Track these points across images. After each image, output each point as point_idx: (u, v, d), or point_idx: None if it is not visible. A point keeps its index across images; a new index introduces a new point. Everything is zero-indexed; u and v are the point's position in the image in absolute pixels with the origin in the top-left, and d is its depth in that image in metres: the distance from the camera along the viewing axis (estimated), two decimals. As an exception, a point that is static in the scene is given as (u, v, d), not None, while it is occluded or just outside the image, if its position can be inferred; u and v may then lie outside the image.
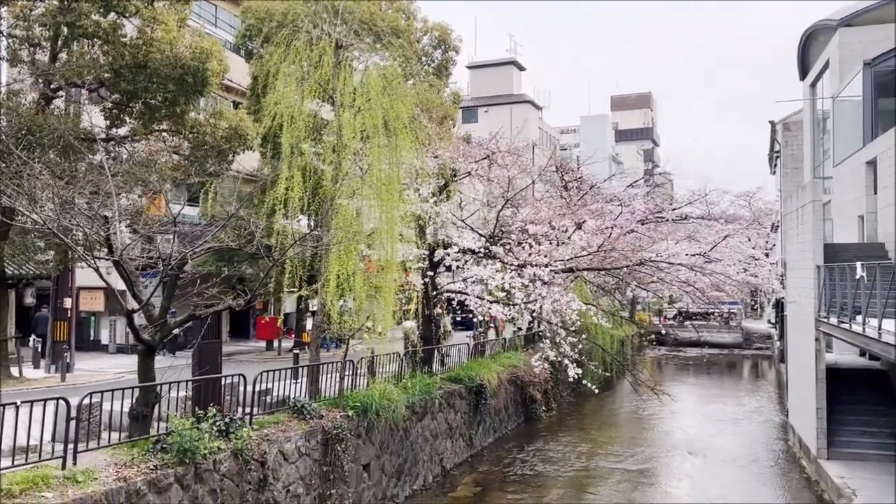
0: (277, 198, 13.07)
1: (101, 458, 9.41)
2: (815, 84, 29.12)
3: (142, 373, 10.26)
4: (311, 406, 13.03)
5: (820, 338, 16.71)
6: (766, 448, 20.53)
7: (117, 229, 9.73)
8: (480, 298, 17.96)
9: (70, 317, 21.47)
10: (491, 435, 20.75)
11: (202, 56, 17.18)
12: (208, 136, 18.72)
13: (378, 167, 13.58)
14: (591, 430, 22.90)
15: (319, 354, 14.70)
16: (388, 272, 13.34)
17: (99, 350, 27.08)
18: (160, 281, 9.83)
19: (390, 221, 13.14)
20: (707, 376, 37.91)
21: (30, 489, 8.06)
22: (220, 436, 10.57)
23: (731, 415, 25.47)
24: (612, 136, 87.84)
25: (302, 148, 14.03)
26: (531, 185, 19.39)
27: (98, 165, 15.42)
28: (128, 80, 16.96)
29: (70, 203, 9.42)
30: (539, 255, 16.89)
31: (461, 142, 18.92)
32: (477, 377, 19.58)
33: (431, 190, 17.95)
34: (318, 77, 14.47)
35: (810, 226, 17.30)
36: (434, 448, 17.21)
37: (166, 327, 10.15)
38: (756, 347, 46.90)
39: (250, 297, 11.05)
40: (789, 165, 34.92)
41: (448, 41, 28.29)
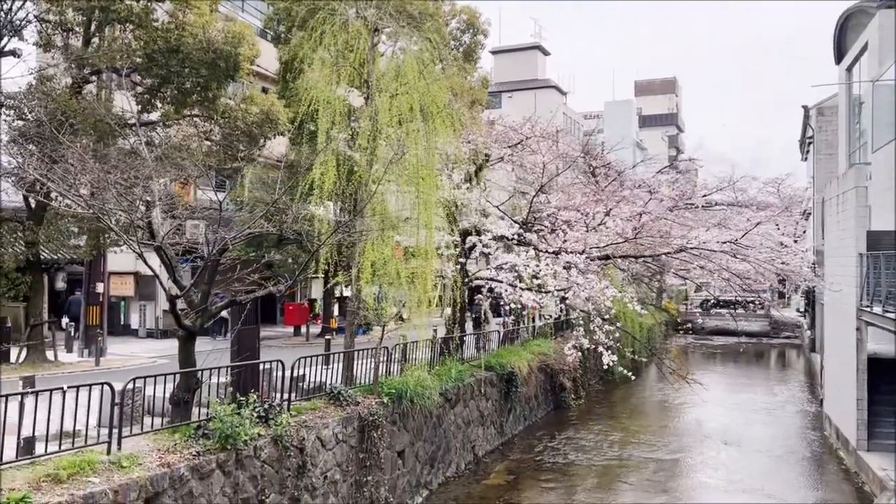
0: (314, 183, 12.96)
1: (143, 444, 9.40)
2: (852, 68, 28.46)
3: (182, 358, 10.23)
4: (348, 392, 12.97)
5: (862, 327, 16.35)
6: (801, 438, 20.24)
7: (158, 214, 9.66)
8: (512, 286, 17.76)
9: (102, 301, 21.61)
10: (521, 423, 20.64)
11: (234, 40, 17.07)
12: (240, 122, 18.64)
13: (415, 152, 13.42)
14: (621, 419, 22.71)
15: (354, 340, 14.61)
16: (427, 259, 13.20)
17: (129, 334, 27.30)
18: (204, 266, 9.75)
19: (428, 207, 12.98)
20: (735, 365, 37.53)
21: (77, 474, 8.05)
22: (259, 422, 10.53)
23: (763, 404, 25.14)
24: (637, 122, 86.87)
25: (336, 133, 13.89)
26: (566, 170, 19.09)
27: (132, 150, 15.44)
28: (160, 65, 16.90)
29: (117, 187, 9.34)
30: (574, 241, 16.66)
31: (494, 126, 18.64)
32: (508, 365, 19.44)
33: (463, 176, 17.76)
34: (352, 61, 14.31)
35: (853, 213, 16.91)
36: (466, 435, 17.13)
37: (207, 313, 10.08)
38: (784, 336, 46.31)
39: (291, 282, 10.96)
40: (823, 151, 34.29)
41: (476, 25, 28.02)
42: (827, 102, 34.70)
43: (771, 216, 33.77)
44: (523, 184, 19.77)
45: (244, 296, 10.19)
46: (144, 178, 9.86)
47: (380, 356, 14.02)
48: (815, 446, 19.23)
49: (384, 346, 14.37)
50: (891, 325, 13.86)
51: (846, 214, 17.55)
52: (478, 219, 17.73)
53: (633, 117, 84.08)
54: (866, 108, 25.41)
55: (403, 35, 14.02)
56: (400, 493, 13.93)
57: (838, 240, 18.56)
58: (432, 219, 13.21)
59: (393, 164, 13.21)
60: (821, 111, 34.84)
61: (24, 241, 18.14)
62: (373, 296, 13.09)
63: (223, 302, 10.64)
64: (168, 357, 21.32)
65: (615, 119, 78.50)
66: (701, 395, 23.86)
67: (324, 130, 13.37)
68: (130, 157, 12.62)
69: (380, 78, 13.63)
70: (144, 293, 27.46)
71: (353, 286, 14.07)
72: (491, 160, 18.31)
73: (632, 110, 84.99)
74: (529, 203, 17.92)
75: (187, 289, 9.46)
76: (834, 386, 19.60)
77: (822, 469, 17.40)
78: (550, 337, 24.48)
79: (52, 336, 19.40)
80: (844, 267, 17.68)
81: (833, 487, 15.87)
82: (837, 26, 29.51)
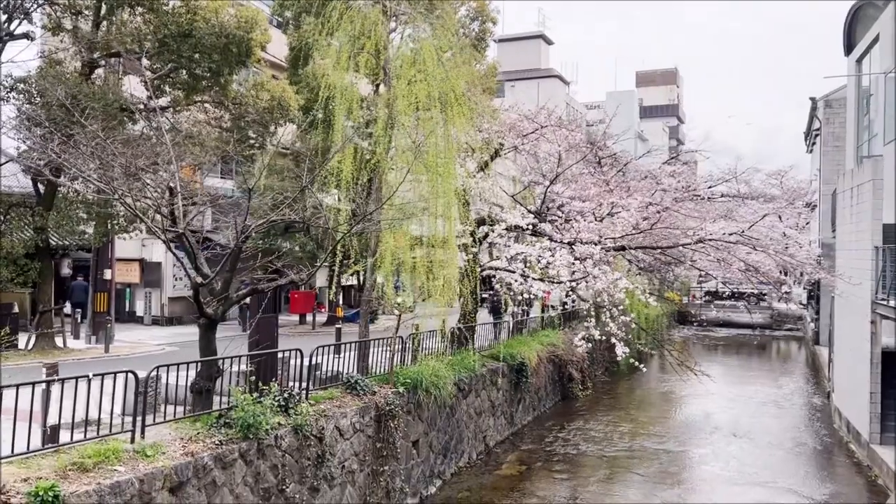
0: (331, 171, 12.83)
1: (165, 432, 9.31)
2: (862, 60, 28.30)
3: (203, 346, 10.12)
4: (364, 382, 12.90)
5: (877, 321, 16.29)
6: (810, 431, 20.23)
7: (179, 201, 9.53)
8: (524, 276, 17.66)
9: (110, 288, 21.48)
10: (530, 413, 20.61)
11: (247, 25, 16.88)
12: (250, 108, 18.47)
13: (434, 140, 13.27)
14: (629, 410, 22.69)
15: (368, 329, 14.51)
16: (447, 248, 13.09)
17: (134, 322, 27.19)
18: (230, 254, 9.61)
19: (448, 196, 12.85)
20: (739, 357, 37.56)
21: (102, 463, 7.97)
22: (280, 411, 10.45)
23: (770, 396, 25.13)
24: (638, 113, 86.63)
25: (353, 121, 13.75)
26: (581, 160, 18.95)
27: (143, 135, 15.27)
28: (172, 50, 16.72)
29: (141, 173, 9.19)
30: (589, 232, 16.56)
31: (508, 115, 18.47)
32: (518, 355, 19.38)
33: (477, 164, 17.62)
34: (368, 47, 14.14)
35: (868, 206, 16.81)
36: (478, 425, 17.08)
37: (229, 301, 9.97)
38: (787, 329, 46.33)
39: (314, 270, 10.85)
40: (830, 143, 34.16)
41: (485, 12, 27.82)
42: (834, 94, 34.55)
43: (778, 208, 33.73)
44: (534, 173, 19.62)
45: (266, 284, 10.06)
46: (166, 164, 9.70)
47: (396, 346, 13.94)
48: (825, 439, 19.22)
49: (399, 335, 14.30)
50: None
51: (861, 207, 17.45)
52: (490, 208, 17.60)
53: (635, 108, 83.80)
54: (878, 99, 25.30)
55: (422, 21, 13.81)
56: (414, 482, 13.88)
57: (852, 232, 18.48)
58: (453, 208, 13.05)
59: (412, 152, 13.07)
60: (828, 103, 34.69)
61: (34, 226, 17.99)
62: (392, 284, 12.95)
63: (244, 290, 10.51)
64: (176, 344, 21.27)
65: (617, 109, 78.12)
66: (707, 387, 23.84)
67: (340, 118, 13.20)
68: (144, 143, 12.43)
69: (398, 65, 13.45)
70: (150, 280, 27.32)
71: (368, 275, 13.96)
72: (505, 149, 18.16)
73: (634, 101, 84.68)
74: (544, 193, 17.79)
75: (213, 276, 9.33)
76: (844, 379, 19.57)
77: (834, 462, 17.39)
78: (559, 327, 24.41)
79: (62, 323, 19.28)
80: (859, 260, 17.59)
81: (846, 481, 15.85)
82: (848, 17, 29.32)
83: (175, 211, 9.28)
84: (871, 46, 26.90)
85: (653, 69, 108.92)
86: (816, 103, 35.99)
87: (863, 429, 16.82)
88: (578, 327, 25.30)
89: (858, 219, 17.91)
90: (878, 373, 16.21)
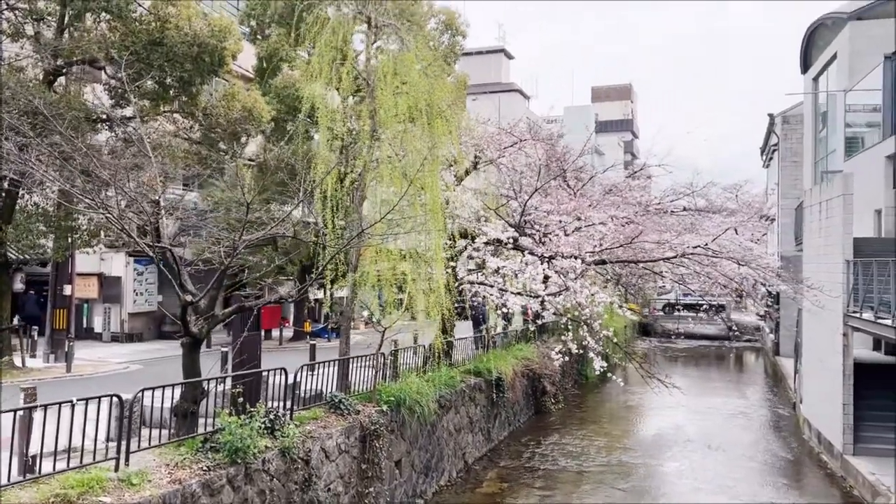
0: (314, 185, 12.49)
1: (149, 458, 8.85)
2: (818, 78, 29.10)
3: (187, 366, 9.67)
4: (348, 401, 12.54)
5: (849, 333, 16.57)
6: (780, 442, 20.46)
7: (163, 216, 9.11)
8: (502, 290, 17.53)
9: (70, 304, 20.63)
10: (506, 428, 20.42)
11: (220, 34, 16.44)
12: (221, 118, 17.98)
13: (416, 151, 13.05)
14: (602, 423, 22.68)
15: (349, 346, 14.14)
16: (431, 262, 12.86)
17: (92, 338, 26.17)
18: (219, 272, 9.20)
19: (433, 209, 12.62)
20: (703, 368, 38.05)
21: (86, 493, 7.50)
22: (266, 433, 10.05)
23: (738, 408, 25.43)
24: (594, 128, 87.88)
25: (336, 133, 13.44)
26: (560, 174, 18.96)
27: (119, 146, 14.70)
28: (141, 58, 16.17)
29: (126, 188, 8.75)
30: (569, 246, 16.52)
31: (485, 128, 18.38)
32: (495, 370, 19.20)
33: (455, 177, 17.46)
34: (350, 57, 13.88)
35: (839, 220, 17.13)
36: (457, 442, 16.82)
37: (214, 319, 9.56)
38: (745, 340, 47.18)
39: (303, 287, 10.49)
40: (788, 159, 35.00)
41: (455, 25, 27.78)
42: (791, 111, 35.43)
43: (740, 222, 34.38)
44: (511, 186, 19.53)
45: (253, 301, 9.67)
46: (150, 178, 9.28)
47: (378, 363, 13.62)
48: (797, 450, 19.46)
49: (381, 352, 13.99)
50: (887, 331, 14.03)
51: (832, 221, 17.78)
52: (469, 222, 17.44)
53: (592, 123, 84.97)
54: (838, 116, 25.99)
55: (405, 32, 13.61)
56: (397, 503, 13.54)
57: (822, 246, 18.82)
58: (437, 222, 12.82)
59: (395, 164, 12.83)
60: (786, 119, 35.56)
61: (-9, 240, 17.18)
62: (376, 299, 12.65)
63: (229, 308, 10.10)
64: (140, 362, 20.52)
65: (575, 124, 79.17)
66: (675, 398, 23.94)
67: (324, 130, 12.89)
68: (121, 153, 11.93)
69: (381, 76, 13.20)
70: (109, 295, 26.37)
71: (349, 290, 13.62)
72: (482, 162, 18.04)
73: (591, 116, 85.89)
74: (522, 206, 17.70)
75: (202, 295, 8.92)
76: (814, 390, 19.87)
77: (808, 473, 17.60)
78: (532, 341, 24.32)
79: (21, 342, 18.42)
80: (828, 273, 17.91)
81: (822, 492, 16.02)
82: (805, 37, 30.17)
83: (160, 226, 8.86)
84: (829, 65, 27.69)
85: (608, 85, 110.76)
86: (774, 119, 36.87)
87: (835, 440, 17.05)
88: (551, 341, 25.28)
89: (828, 233, 18.25)
90: (851, 384, 16.46)
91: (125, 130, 17.47)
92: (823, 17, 27.59)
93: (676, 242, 17.05)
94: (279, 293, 9.90)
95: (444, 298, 13.13)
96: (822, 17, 27.81)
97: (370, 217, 12.79)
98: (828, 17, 27.12)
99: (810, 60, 30.35)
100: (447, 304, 17.08)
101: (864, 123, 25.01)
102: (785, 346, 33.14)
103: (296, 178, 14.53)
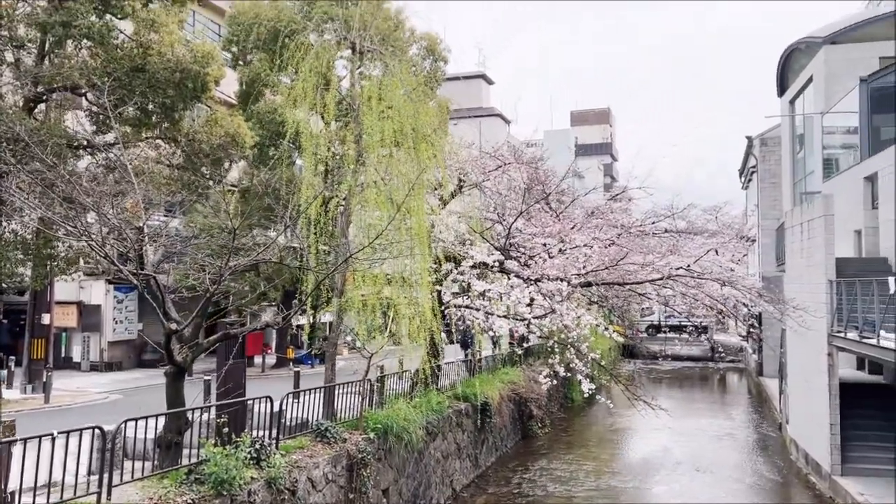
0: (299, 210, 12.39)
1: (132, 492, 8.60)
2: (795, 101, 29.58)
3: (171, 396, 9.46)
4: (334, 429, 12.34)
5: (833, 353, 16.64)
6: (769, 463, 20.41)
7: (146, 242, 8.96)
8: (488, 314, 17.44)
9: (48, 333, 20.25)
10: (493, 454, 20.21)
11: (203, 60, 16.39)
12: (204, 144, 17.87)
13: (401, 175, 13.02)
14: (590, 447, 22.53)
15: (335, 372, 13.97)
16: (417, 287, 12.76)
17: (70, 368, 25.69)
18: (204, 299, 9.04)
19: (419, 234, 12.56)
20: (688, 390, 38.06)
21: (68, 530, 7.27)
22: (252, 464, 9.84)
23: (724, 429, 25.40)
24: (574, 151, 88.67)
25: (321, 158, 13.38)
26: (545, 197, 19.01)
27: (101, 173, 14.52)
28: (123, 85, 16.06)
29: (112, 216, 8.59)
30: (554, 268, 16.51)
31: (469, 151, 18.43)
32: (482, 394, 19.04)
33: (440, 201, 17.43)
34: (335, 83, 13.88)
35: (821, 240, 17.28)
36: (445, 469, 16.60)
37: (199, 348, 9.38)
38: (729, 360, 47.36)
39: (289, 313, 10.35)
40: (767, 180, 35.38)
41: (436, 51, 27.95)
42: (769, 133, 35.90)
43: (722, 243, 34.62)
44: (495, 210, 19.54)
45: (238, 328, 9.51)
46: (132, 205, 9.14)
47: (366, 390, 13.45)
48: (785, 471, 19.42)
49: (368, 378, 13.82)
50: (873, 350, 14.10)
51: (814, 242, 17.93)
52: (454, 245, 17.39)
53: (572, 147, 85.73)
54: (815, 138, 26.37)
55: (390, 58, 13.64)
56: (386, 533, 13.31)
57: (804, 266, 18.95)
58: (423, 247, 12.75)
59: (381, 189, 12.78)
60: (764, 141, 36.00)
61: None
62: (363, 325, 12.51)
63: (215, 336, 9.92)
64: (120, 392, 20.14)
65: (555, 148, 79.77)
66: (662, 420, 23.88)
67: (310, 156, 12.82)
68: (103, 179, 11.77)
69: (366, 100, 13.19)
70: (88, 324, 25.95)
71: (335, 316, 13.47)
72: (466, 185, 18.04)
73: (570, 140, 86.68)
74: (507, 229, 17.70)
75: (187, 323, 8.75)
76: (800, 410, 19.89)
77: (796, 494, 17.53)
78: (518, 364, 24.20)
79: (-3, 372, 18.03)
80: (811, 293, 18.02)
81: (812, 513, 15.97)
82: (781, 61, 30.67)
83: (143, 253, 8.70)
84: (805, 88, 28.16)
85: (587, 109, 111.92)
86: (752, 142, 37.33)
87: (823, 460, 17.03)
88: (537, 364, 25.18)
89: (810, 253, 18.40)
90: (837, 404, 16.49)
91: (106, 157, 17.32)
92: (798, 41, 28.09)
93: (661, 264, 17.06)
94: (262, 319, 9.72)
95: (430, 323, 12.99)
96: (797, 42, 28.30)
97: (356, 241, 12.71)
98: (802, 41, 27.61)
99: (786, 83, 30.85)
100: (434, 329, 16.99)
101: (841, 145, 25.41)
102: (768, 366, 33.25)
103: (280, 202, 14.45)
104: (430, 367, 15.48)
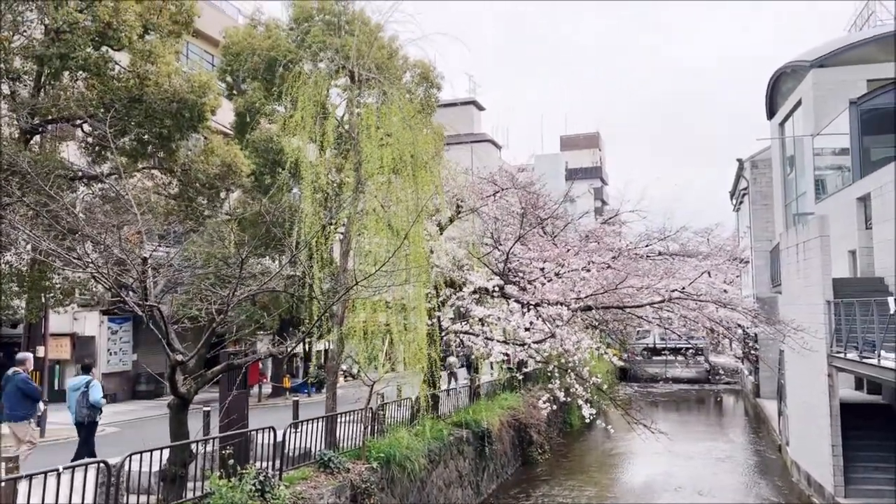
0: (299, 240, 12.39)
1: (136, 528, 8.47)
2: (784, 123, 29.94)
3: (174, 428, 9.35)
4: (337, 459, 12.22)
5: (833, 373, 16.65)
6: (771, 486, 20.32)
7: (149, 273, 8.91)
8: (489, 339, 17.40)
9: (42, 366, 20.01)
10: (494, 481, 20.04)
11: (200, 90, 16.45)
12: (200, 174, 17.86)
13: (401, 202, 13.05)
14: (591, 472, 22.37)
15: (336, 401, 13.85)
16: (416, 314, 12.74)
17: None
18: (209, 330, 8.99)
19: (418, 261, 12.55)
20: (685, 413, 37.95)
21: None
22: (257, 496, 9.71)
23: (724, 452, 25.31)
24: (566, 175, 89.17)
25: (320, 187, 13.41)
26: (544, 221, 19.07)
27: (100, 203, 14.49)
28: (120, 115, 16.07)
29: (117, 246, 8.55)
30: (554, 293, 16.52)
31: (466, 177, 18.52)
32: (482, 421, 18.93)
33: (438, 226, 17.46)
34: (332, 112, 13.95)
35: (817, 261, 17.37)
36: (447, 497, 16.43)
37: (203, 379, 9.30)
38: (724, 382, 47.31)
39: (293, 342, 10.29)
40: (759, 202, 35.65)
41: (430, 78, 28.15)
42: (759, 156, 36.24)
43: (715, 265, 34.75)
44: (493, 234, 19.58)
45: (242, 358, 9.45)
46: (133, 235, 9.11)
47: (368, 419, 13.34)
48: (787, 494, 19.32)
49: (369, 406, 13.72)
50: (873, 370, 14.11)
51: (810, 263, 18.02)
52: (452, 271, 17.40)
53: (562, 171, 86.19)
54: (806, 160, 26.65)
55: (388, 86, 13.74)
56: (389, 565, 13.13)
57: (801, 287, 19.02)
58: (423, 274, 12.75)
59: (381, 217, 12.80)
60: (755, 164, 36.32)
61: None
62: (364, 353, 12.45)
63: (219, 366, 9.84)
64: (117, 424, 19.89)
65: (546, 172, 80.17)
66: (662, 444, 23.78)
67: (308, 186, 12.84)
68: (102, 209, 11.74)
69: (365, 128, 13.26)
70: (82, 356, 25.64)
71: (336, 344, 13.41)
72: (464, 211, 18.10)
73: (561, 164, 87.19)
74: (506, 254, 17.73)
75: (192, 355, 8.69)
76: (801, 432, 19.84)
77: (800, 517, 17.44)
78: (517, 389, 24.10)
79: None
80: (809, 315, 18.07)
81: (817, 536, 15.86)
82: (770, 83, 31.10)
83: (147, 284, 8.65)
84: (794, 110, 28.52)
85: (576, 133, 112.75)
86: (743, 164, 37.66)
87: (825, 482, 16.96)
88: (535, 389, 25.08)
89: (806, 274, 18.48)
90: (838, 425, 16.46)
91: (102, 188, 17.28)
92: (786, 65, 28.51)
93: (660, 286, 17.09)
94: (261, 348, 9.66)
95: (430, 350, 12.95)
96: (785, 66, 28.73)
97: (359, 269, 12.71)
98: (790, 65, 28.04)
99: (776, 107, 31.25)
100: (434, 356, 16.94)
101: (830, 166, 25.70)
102: (766, 387, 33.22)
103: (283, 231, 14.45)
104: (429, 395, 15.38)
